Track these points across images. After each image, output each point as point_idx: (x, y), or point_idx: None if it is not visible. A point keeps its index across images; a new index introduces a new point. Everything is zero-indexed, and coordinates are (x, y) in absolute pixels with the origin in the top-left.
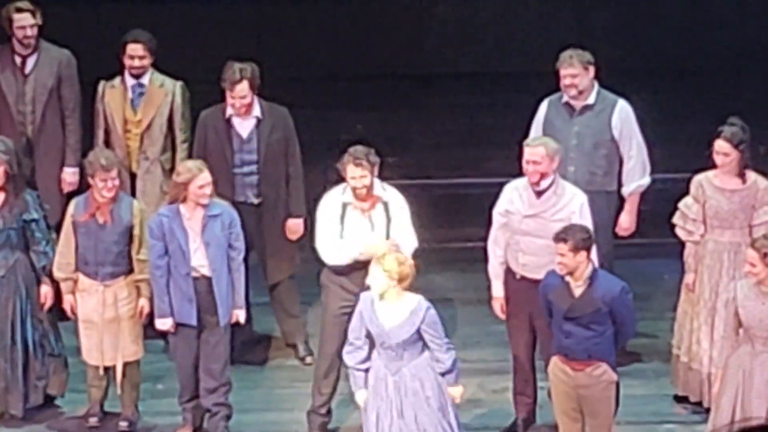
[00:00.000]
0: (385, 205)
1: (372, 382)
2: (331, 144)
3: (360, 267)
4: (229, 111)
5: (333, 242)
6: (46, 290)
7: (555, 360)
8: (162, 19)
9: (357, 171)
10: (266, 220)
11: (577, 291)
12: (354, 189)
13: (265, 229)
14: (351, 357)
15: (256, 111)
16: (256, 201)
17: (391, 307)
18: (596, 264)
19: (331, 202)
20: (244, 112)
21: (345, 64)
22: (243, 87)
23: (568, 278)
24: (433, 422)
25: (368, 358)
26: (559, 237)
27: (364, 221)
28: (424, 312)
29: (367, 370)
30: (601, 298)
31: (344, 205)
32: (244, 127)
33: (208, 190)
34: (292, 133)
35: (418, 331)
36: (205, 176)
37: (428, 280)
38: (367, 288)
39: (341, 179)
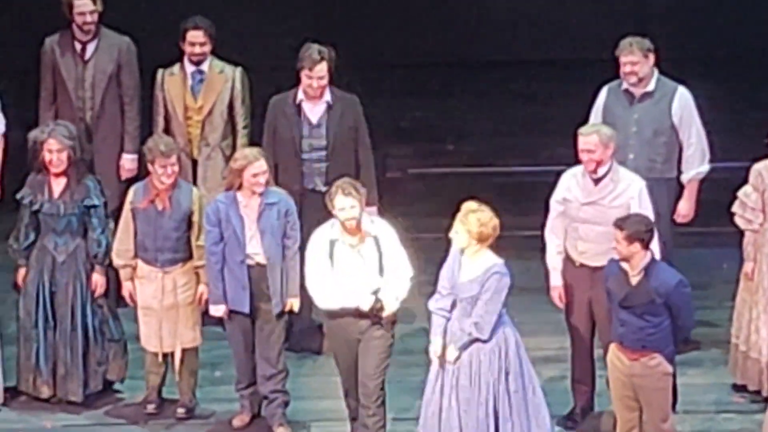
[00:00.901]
0: (375, 239)
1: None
2: (390, 132)
3: (352, 314)
4: (300, 96)
5: (322, 285)
6: (97, 278)
7: (613, 347)
8: (221, 6)
9: (347, 201)
10: None
11: (634, 280)
12: (344, 221)
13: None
14: (435, 302)
15: (327, 96)
16: (323, 188)
17: (470, 262)
18: (657, 255)
19: (318, 239)
20: (319, 94)
21: (403, 52)
22: (322, 67)
23: (626, 266)
24: (488, 383)
25: (451, 308)
26: (617, 224)
27: (354, 256)
28: (491, 274)
29: (449, 319)
30: (656, 289)
31: (332, 242)
32: (314, 112)
33: (263, 179)
34: (362, 121)
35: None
36: (260, 165)
37: None
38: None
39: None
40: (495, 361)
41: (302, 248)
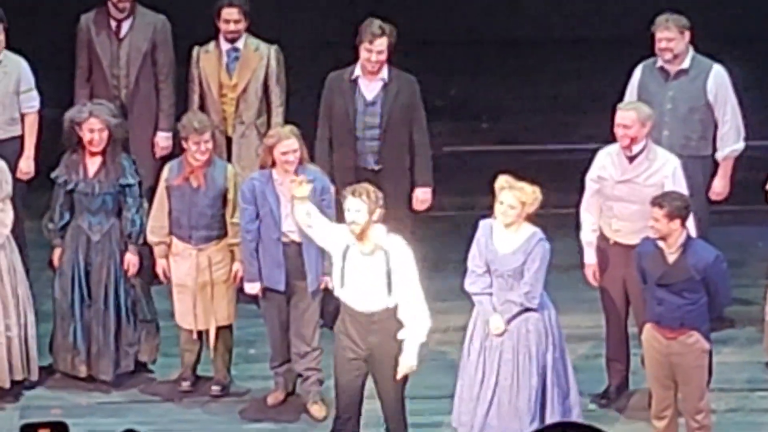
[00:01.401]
0: (386, 253)
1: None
2: (425, 110)
3: (364, 321)
4: (357, 72)
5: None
6: (130, 258)
7: (648, 327)
8: None
9: (354, 203)
10: (387, 188)
11: (671, 258)
12: (348, 223)
13: (385, 197)
14: (475, 285)
15: (384, 74)
16: (376, 167)
17: (508, 234)
18: (693, 233)
19: (338, 237)
20: (377, 70)
21: (438, 30)
22: (382, 42)
23: (662, 245)
24: (536, 354)
25: (491, 284)
26: (656, 202)
27: (364, 265)
28: (536, 242)
29: (491, 294)
30: (695, 266)
31: (347, 246)
32: (370, 89)
33: (292, 157)
34: (418, 101)
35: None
36: (290, 143)
37: None
38: (373, 342)
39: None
40: (542, 331)
41: None
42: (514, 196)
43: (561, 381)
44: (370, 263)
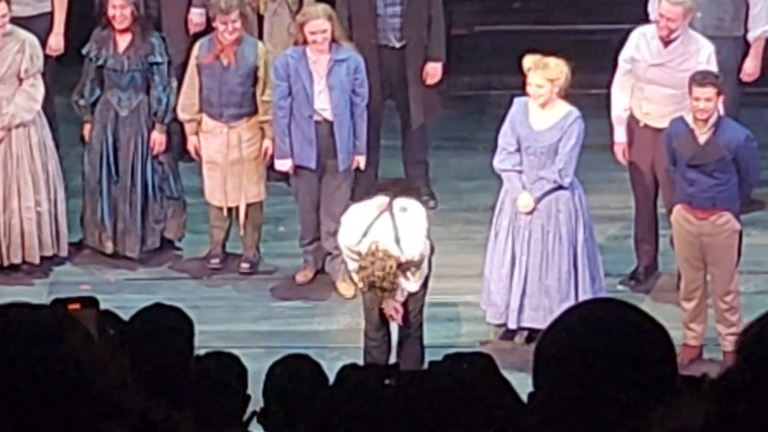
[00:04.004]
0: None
1: (510, 190)
2: None
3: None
4: None
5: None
6: (156, 136)
7: (679, 208)
8: None
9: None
10: (410, 64)
11: (702, 138)
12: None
13: (409, 73)
14: (504, 162)
15: None
16: (398, 45)
17: (543, 112)
18: (722, 112)
19: (358, 216)
20: None
21: None
22: None
23: (692, 125)
24: (568, 233)
25: (521, 162)
26: (705, 81)
27: (388, 227)
28: (573, 119)
29: (521, 172)
30: (726, 145)
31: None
32: None
33: (320, 37)
34: None
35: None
36: (318, 23)
37: None
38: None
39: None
40: (572, 211)
41: (369, 105)
42: (540, 75)
43: (591, 262)
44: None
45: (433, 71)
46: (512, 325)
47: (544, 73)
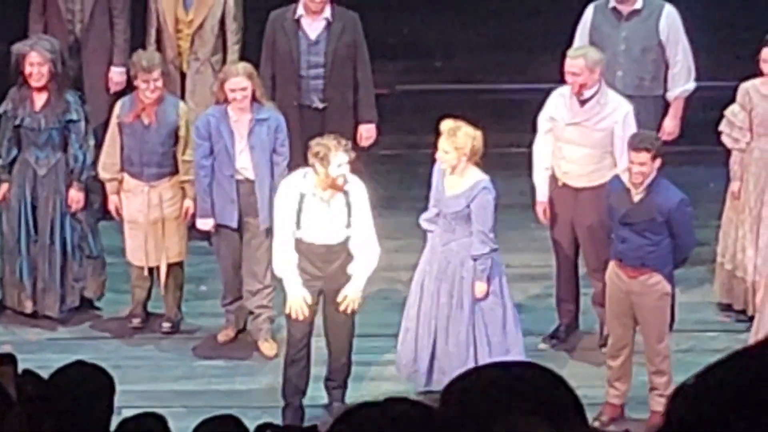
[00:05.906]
0: (346, 194)
1: (427, 250)
2: (377, 48)
3: (324, 251)
4: (300, 11)
5: (282, 250)
6: (74, 194)
7: (612, 264)
8: None
9: (344, 158)
10: (331, 126)
11: (636, 197)
12: (336, 178)
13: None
14: (427, 222)
15: (327, 13)
16: (320, 105)
17: (455, 177)
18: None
19: (287, 191)
20: (320, 10)
21: None
22: None
23: (628, 184)
24: (470, 301)
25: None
26: (641, 146)
27: (323, 209)
28: (479, 191)
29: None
30: (659, 207)
31: (302, 195)
32: (313, 28)
33: (239, 95)
34: (361, 38)
35: (470, 208)
36: (238, 81)
37: None
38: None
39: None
40: (480, 276)
41: (290, 165)
42: (447, 142)
43: (494, 327)
44: (329, 205)
45: (368, 132)
46: (419, 388)
47: (451, 140)
